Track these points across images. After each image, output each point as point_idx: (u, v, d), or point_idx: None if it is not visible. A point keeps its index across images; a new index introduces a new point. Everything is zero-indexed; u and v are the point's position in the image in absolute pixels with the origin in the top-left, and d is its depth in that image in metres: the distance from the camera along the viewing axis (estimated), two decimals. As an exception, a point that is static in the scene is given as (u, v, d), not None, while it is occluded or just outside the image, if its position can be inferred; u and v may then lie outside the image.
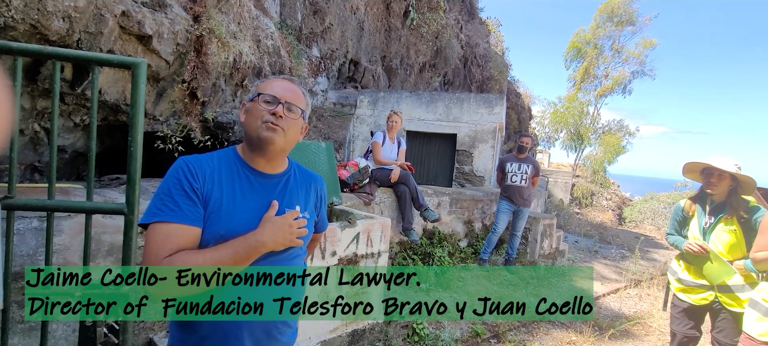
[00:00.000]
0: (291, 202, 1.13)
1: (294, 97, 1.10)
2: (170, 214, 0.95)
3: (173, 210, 0.95)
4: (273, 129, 1.04)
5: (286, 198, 1.13)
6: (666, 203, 15.44)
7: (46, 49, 1.26)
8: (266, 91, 1.08)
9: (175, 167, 1.02)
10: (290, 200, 1.13)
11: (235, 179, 1.07)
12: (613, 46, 22.38)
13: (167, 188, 0.99)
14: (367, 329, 2.81)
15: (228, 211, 1.02)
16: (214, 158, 1.08)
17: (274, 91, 1.08)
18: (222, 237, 0.99)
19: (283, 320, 1.11)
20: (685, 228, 2.46)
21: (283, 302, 1.10)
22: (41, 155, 3.28)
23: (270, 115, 1.04)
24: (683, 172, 2.46)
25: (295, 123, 1.10)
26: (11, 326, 1.88)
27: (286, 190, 1.14)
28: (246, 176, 1.09)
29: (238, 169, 1.09)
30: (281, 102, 1.06)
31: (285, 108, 1.06)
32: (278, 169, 1.15)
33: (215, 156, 1.09)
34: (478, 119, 6.98)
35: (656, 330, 3.85)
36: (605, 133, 22.08)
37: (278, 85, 1.10)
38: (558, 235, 6.04)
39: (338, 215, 3.04)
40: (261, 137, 1.05)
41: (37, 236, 1.99)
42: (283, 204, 1.11)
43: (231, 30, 4.04)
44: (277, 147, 1.07)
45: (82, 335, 1.24)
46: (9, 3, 2.17)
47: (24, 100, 2.81)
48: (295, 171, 1.21)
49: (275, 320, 1.10)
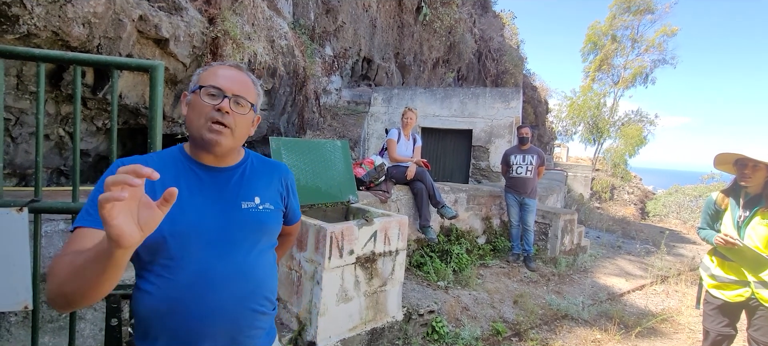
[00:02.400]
0: (249, 194, 1.04)
1: (242, 89, 0.98)
2: (87, 219, 0.87)
3: (91, 215, 0.87)
4: (218, 131, 0.94)
5: (242, 191, 1.03)
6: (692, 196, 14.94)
7: (67, 55, 1.28)
8: (209, 82, 0.96)
9: (108, 171, 0.93)
10: (247, 191, 1.04)
11: (182, 177, 0.98)
12: (630, 36, 21.76)
13: (94, 193, 0.90)
14: (386, 327, 2.79)
15: (172, 210, 0.80)
16: (154, 158, 1.01)
17: (218, 83, 0.95)
18: (165, 239, 0.90)
19: (249, 322, 1.01)
20: (717, 222, 2.35)
21: (250, 300, 1.00)
22: (66, 159, 3.38)
23: (215, 111, 0.93)
24: (714, 163, 2.35)
25: (244, 119, 0.99)
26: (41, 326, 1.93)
27: (242, 181, 1.05)
28: (194, 172, 1.00)
29: (185, 166, 1.00)
30: (227, 95, 0.95)
31: (232, 102, 0.95)
32: (231, 162, 1.06)
33: (155, 156, 1.03)
34: (494, 114, 6.87)
35: (686, 328, 3.71)
36: (625, 124, 21.50)
37: (223, 74, 0.98)
38: (579, 230, 5.89)
39: (355, 213, 3.03)
40: (204, 139, 0.95)
41: (64, 238, 2.04)
42: (239, 197, 1.02)
43: (245, 31, 4.07)
44: (223, 149, 0.97)
45: (107, 334, 1.26)
46: (32, 11, 2.23)
47: (48, 105, 2.89)
48: (252, 161, 1.11)
49: (242, 324, 0.99)
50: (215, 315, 0.94)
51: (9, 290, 1.22)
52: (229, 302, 0.96)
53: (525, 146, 4.92)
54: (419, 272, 4.02)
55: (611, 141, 22.09)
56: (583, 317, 3.67)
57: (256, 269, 1.03)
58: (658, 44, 21.04)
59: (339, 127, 6.98)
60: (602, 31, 22.27)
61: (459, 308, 3.48)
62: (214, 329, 0.95)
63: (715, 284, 2.35)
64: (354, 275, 2.57)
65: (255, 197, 1.04)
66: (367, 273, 2.66)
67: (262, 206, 1.04)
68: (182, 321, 0.93)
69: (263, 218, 1.05)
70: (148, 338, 0.96)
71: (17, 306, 1.24)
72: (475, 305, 3.61)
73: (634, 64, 21.88)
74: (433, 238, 4.25)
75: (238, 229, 1.00)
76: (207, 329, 0.94)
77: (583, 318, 3.66)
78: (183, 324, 0.93)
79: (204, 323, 0.94)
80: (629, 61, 22.05)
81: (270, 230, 1.08)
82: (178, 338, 0.93)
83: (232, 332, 0.97)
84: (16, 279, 1.23)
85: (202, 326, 0.93)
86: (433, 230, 4.27)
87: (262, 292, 1.04)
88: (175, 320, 0.93)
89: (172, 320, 0.93)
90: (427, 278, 3.91)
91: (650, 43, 21.25)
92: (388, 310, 2.82)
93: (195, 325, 0.93)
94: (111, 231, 0.64)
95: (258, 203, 1.04)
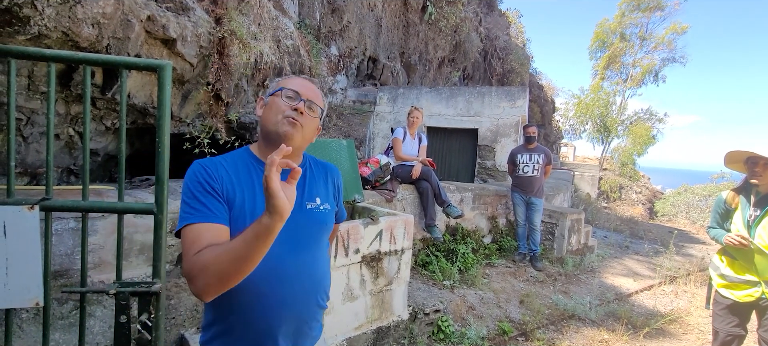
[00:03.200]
0: (311, 195, 1.13)
1: (315, 96, 1.11)
2: (197, 215, 0.96)
3: (200, 211, 0.96)
4: (293, 124, 1.04)
5: (305, 192, 1.12)
6: (701, 196, 14.74)
7: (77, 55, 1.29)
8: (289, 86, 1.09)
9: (193, 171, 1.02)
10: (309, 193, 1.13)
11: (254, 177, 1.07)
12: (640, 34, 21.51)
13: (190, 192, 0.99)
14: (392, 326, 2.79)
15: (251, 209, 1.01)
16: (227, 159, 1.08)
17: (295, 87, 1.08)
18: None
19: (312, 315, 1.11)
20: (727, 221, 2.32)
21: (314, 294, 1.10)
22: (76, 158, 3.42)
23: (291, 110, 1.04)
24: (725, 161, 2.32)
25: (312, 121, 1.10)
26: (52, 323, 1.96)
27: (304, 183, 1.13)
28: (262, 173, 1.08)
29: (255, 168, 1.08)
30: (303, 99, 1.07)
31: (306, 105, 1.07)
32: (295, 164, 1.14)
33: (228, 157, 1.09)
34: (500, 113, 6.83)
35: (695, 328, 3.67)
36: (634, 123, 21.25)
37: (300, 82, 1.11)
38: (586, 230, 5.85)
39: (361, 212, 3.03)
40: (280, 132, 1.04)
41: (74, 236, 2.07)
42: (304, 197, 1.10)
43: (251, 31, 4.09)
44: (294, 142, 1.06)
45: (117, 331, 1.27)
46: (42, 12, 2.26)
47: (58, 105, 2.93)
48: (310, 164, 1.21)
49: (306, 316, 1.09)
50: (286, 307, 1.03)
51: (21, 287, 1.24)
52: (298, 296, 1.05)
53: (532, 145, 4.89)
54: (425, 272, 4.02)
55: (619, 140, 21.87)
56: (590, 317, 3.64)
57: (318, 266, 1.12)
58: (667, 42, 20.80)
59: (344, 127, 6.99)
60: (611, 29, 22.05)
61: (465, 308, 3.47)
62: (284, 320, 1.04)
63: (725, 284, 2.32)
64: (360, 274, 2.58)
65: (316, 197, 1.13)
66: (373, 272, 2.66)
67: (322, 206, 1.13)
68: (257, 313, 1.01)
69: (323, 217, 1.14)
70: (220, 329, 1.03)
71: (29, 303, 1.26)
72: (481, 305, 3.60)
73: (642, 62, 21.63)
74: (438, 237, 4.24)
75: (303, 227, 1.08)
76: (279, 321, 1.03)
77: (590, 318, 3.63)
78: (257, 316, 1.01)
79: (276, 315, 1.02)
80: (638, 59, 21.81)
81: (328, 229, 1.16)
82: (252, 328, 1.01)
83: (298, 323, 1.07)
84: (27, 276, 1.25)
85: (274, 317, 1.02)
86: (438, 229, 4.26)
87: (322, 287, 1.14)
88: (251, 312, 1.01)
89: (246, 311, 1.01)
90: (432, 278, 3.90)
91: (660, 41, 21.00)
92: (393, 309, 2.82)
93: (269, 317, 1.01)
94: (279, 203, 0.77)
95: (319, 204, 1.13)
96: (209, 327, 1.07)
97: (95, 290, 1.35)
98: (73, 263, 2.05)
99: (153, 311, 1.28)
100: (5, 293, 1.22)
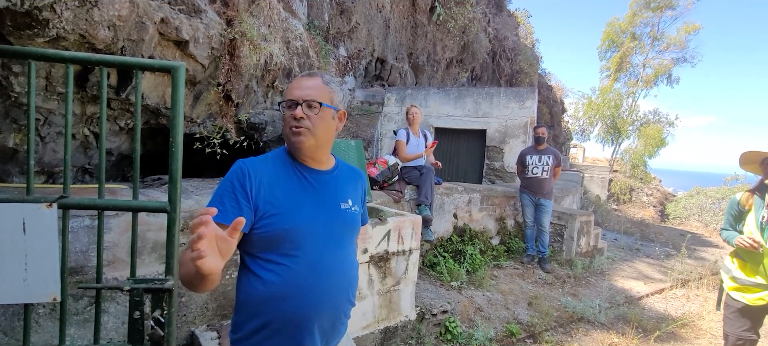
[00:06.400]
0: (344, 196, 1.18)
1: (311, 93, 1.09)
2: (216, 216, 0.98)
3: (219, 212, 0.99)
4: (297, 133, 1.08)
5: (339, 193, 1.18)
6: (714, 198, 14.46)
7: (94, 57, 1.33)
8: (286, 97, 1.12)
9: (232, 170, 1.09)
10: (343, 194, 1.18)
11: (293, 177, 1.12)
12: (651, 34, 21.18)
13: (220, 191, 1.05)
14: (400, 326, 2.80)
15: (290, 207, 1.07)
16: (269, 159, 1.13)
17: (292, 95, 1.10)
18: (287, 232, 1.04)
19: (344, 310, 1.16)
20: (740, 223, 2.29)
21: (346, 289, 1.15)
22: (91, 158, 3.49)
23: (292, 119, 1.08)
24: (740, 163, 2.29)
25: (320, 117, 1.10)
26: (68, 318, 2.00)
27: (338, 185, 1.19)
28: (301, 174, 1.14)
29: (292, 168, 1.14)
30: (299, 103, 1.08)
31: (305, 106, 1.08)
32: (326, 165, 1.20)
33: (269, 157, 1.15)
34: (509, 114, 6.80)
35: (707, 333, 3.61)
36: (645, 125, 20.93)
37: (296, 86, 1.12)
38: (596, 232, 5.79)
39: (369, 212, 3.05)
40: (290, 143, 1.11)
41: (89, 233, 2.11)
42: (337, 199, 1.16)
43: (262, 32, 4.13)
44: (306, 147, 1.10)
45: (131, 327, 1.30)
46: (61, 15, 2.31)
47: (75, 106, 3.00)
48: (342, 167, 1.26)
49: (340, 310, 1.14)
50: (323, 302, 1.08)
51: (39, 283, 1.28)
52: (334, 291, 1.11)
53: (541, 146, 4.86)
54: (432, 272, 4.02)
55: (629, 142, 21.57)
56: (599, 320, 3.60)
57: (350, 264, 1.18)
58: (679, 42, 20.45)
59: (352, 127, 7.02)
60: (621, 29, 21.74)
61: (472, 309, 3.47)
62: (323, 314, 1.08)
63: (736, 287, 2.28)
64: (368, 274, 2.59)
65: (348, 199, 1.19)
66: (381, 272, 2.67)
67: (353, 208, 1.19)
68: (297, 306, 1.05)
69: (355, 218, 1.20)
70: (256, 321, 1.06)
71: (46, 298, 1.30)
72: (489, 306, 3.59)
73: (653, 62, 21.31)
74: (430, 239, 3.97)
75: (338, 226, 1.14)
76: (316, 314, 1.07)
77: (599, 321, 3.59)
78: (297, 309, 1.05)
79: (314, 309, 1.06)
80: (649, 60, 21.49)
81: (357, 230, 1.23)
82: (290, 321, 1.05)
83: (333, 317, 1.12)
84: (45, 272, 1.28)
85: (312, 311, 1.06)
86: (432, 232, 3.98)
87: (353, 284, 1.20)
88: (290, 305, 1.04)
89: (286, 304, 1.04)
90: (440, 278, 3.90)
91: (671, 41, 20.67)
92: (401, 309, 2.83)
93: (307, 310, 1.05)
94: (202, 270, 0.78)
95: (351, 205, 1.18)
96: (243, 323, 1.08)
97: (110, 287, 1.39)
98: (87, 260, 2.10)
99: (166, 307, 1.30)
100: (24, 289, 1.26)
